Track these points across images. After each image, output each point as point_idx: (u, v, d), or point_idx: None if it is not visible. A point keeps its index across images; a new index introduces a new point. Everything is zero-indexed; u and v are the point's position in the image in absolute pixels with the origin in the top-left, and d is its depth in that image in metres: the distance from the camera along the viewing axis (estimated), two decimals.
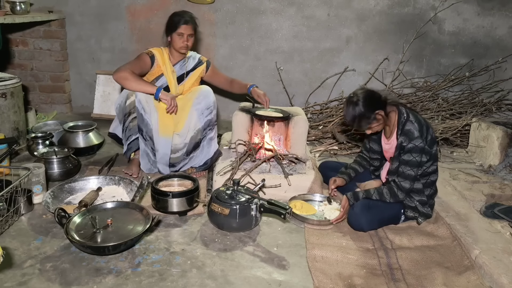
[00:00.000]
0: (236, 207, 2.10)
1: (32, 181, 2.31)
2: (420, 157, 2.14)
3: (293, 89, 4.26)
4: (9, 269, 1.79)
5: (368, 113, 2.14)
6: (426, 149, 2.15)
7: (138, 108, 2.60)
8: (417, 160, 2.14)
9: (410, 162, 2.14)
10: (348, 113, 2.19)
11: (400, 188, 2.19)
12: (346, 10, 4.07)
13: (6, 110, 3.00)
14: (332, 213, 2.34)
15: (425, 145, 2.14)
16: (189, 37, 2.72)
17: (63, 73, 4.19)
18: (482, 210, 2.49)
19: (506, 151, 3.00)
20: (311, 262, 1.93)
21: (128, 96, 2.62)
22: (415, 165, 2.15)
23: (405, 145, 2.15)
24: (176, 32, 2.68)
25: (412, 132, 2.14)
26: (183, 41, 2.70)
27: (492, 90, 4.28)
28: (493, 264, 1.89)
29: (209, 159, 2.79)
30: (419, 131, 2.14)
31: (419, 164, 2.15)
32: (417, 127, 2.14)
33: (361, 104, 2.13)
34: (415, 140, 2.12)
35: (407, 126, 2.16)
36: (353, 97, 2.17)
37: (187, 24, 2.69)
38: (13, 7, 3.49)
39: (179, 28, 2.67)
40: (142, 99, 2.60)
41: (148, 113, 2.62)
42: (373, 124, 2.19)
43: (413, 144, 2.13)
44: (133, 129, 2.66)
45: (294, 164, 2.73)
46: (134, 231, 1.95)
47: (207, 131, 2.75)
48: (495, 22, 4.13)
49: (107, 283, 1.73)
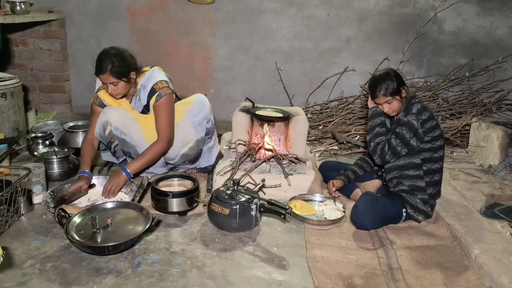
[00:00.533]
0: (236, 207, 2.10)
1: (32, 181, 2.31)
2: (408, 135, 2.17)
3: (293, 89, 4.26)
4: (9, 269, 1.79)
5: (398, 83, 2.19)
6: (417, 131, 2.16)
7: (117, 135, 2.50)
8: (404, 135, 2.17)
9: (398, 134, 2.20)
10: (378, 78, 2.22)
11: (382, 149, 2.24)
12: (346, 10, 4.08)
13: (6, 110, 3.00)
14: (332, 213, 2.34)
15: (418, 125, 2.16)
16: (112, 85, 2.33)
17: (63, 73, 4.20)
18: (482, 210, 2.49)
19: (506, 151, 3.00)
20: (311, 262, 1.93)
21: (104, 126, 2.49)
22: (400, 138, 2.19)
23: (400, 118, 2.22)
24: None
25: (411, 108, 2.21)
26: (106, 89, 2.38)
27: (492, 90, 4.28)
28: (493, 264, 1.89)
29: (210, 165, 2.78)
30: (419, 110, 2.19)
31: (404, 140, 2.18)
32: (419, 107, 2.20)
33: (393, 74, 2.21)
34: (410, 115, 2.18)
35: (411, 105, 2.23)
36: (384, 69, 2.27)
37: (103, 73, 2.28)
38: (13, 7, 3.49)
39: (98, 77, 2.36)
40: (119, 125, 2.46)
41: (128, 134, 2.49)
42: (395, 97, 2.20)
43: (406, 118, 2.19)
44: (119, 152, 2.64)
45: (294, 164, 2.73)
46: (134, 231, 1.95)
47: (207, 139, 2.69)
48: (495, 22, 4.13)
49: (107, 283, 1.73)
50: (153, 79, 2.46)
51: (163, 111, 2.42)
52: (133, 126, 2.51)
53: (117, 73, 2.31)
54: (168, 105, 2.44)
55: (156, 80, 2.45)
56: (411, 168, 2.25)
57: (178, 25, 4.13)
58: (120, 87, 2.36)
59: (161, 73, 2.54)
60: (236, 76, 4.29)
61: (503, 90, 4.28)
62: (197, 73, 4.28)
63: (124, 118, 2.49)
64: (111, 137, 2.54)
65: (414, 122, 2.16)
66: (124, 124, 2.49)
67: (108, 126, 2.49)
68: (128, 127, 2.49)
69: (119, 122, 2.48)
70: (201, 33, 4.15)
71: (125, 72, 2.35)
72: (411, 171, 2.25)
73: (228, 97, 4.33)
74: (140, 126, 2.52)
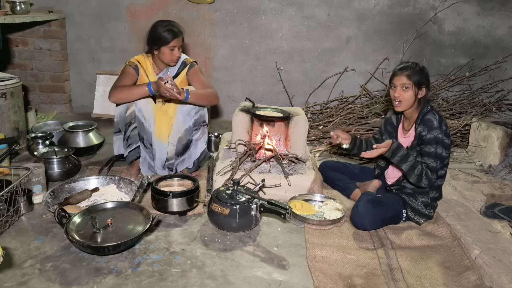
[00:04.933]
0: (236, 207, 2.10)
1: (32, 181, 2.31)
2: (441, 150, 2.12)
3: (293, 89, 4.26)
4: (9, 269, 1.79)
5: (424, 79, 2.15)
6: (445, 142, 2.13)
7: (138, 117, 2.60)
8: (437, 151, 2.12)
9: (431, 153, 2.13)
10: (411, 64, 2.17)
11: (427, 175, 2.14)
12: (346, 10, 4.07)
13: (6, 110, 3.00)
14: (332, 213, 2.34)
15: (444, 137, 2.12)
16: (179, 48, 2.64)
17: (63, 73, 4.19)
18: (482, 210, 2.49)
19: (506, 151, 3.00)
20: (311, 262, 1.93)
21: (128, 106, 2.61)
22: (435, 156, 2.13)
23: (424, 135, 2.14)
24: (168, 46, 2.57)
25: (431, 122, 2.13)
26: (174, 54, 2.62)
27: (492, 90, 4.28)
28: (493, 264, 1.89)
29: (196, 159, 2.79)
30: (439, 122, 2.14)
31: (439, 156, 2.13)
32: (438, 118, 2.15)
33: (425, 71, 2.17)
34: (434, 130, 2.12)
35: (427, 116, 2.17)
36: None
37: (178, 37, 2.59)
38: (13, 7, 3.49)
39: (171, 42, 2.56)
40: (142, 108, 2.59)
41: (148, 120, 2.61)
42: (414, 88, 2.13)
43: (431, 134, 2.12)
44: (134, 137, 2.67)
45: (294, 164, 2.73)
46: (134, 231, 1.95)
47: (193, 131, 2.72)
48: (495, 22, 4.13)
49: (107, 283, 1.73)
50: (183, 56, 2.79)
51: (200, 75, 2.78)
52: (151, 116, 2.62)
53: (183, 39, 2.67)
54: (201, 71, 2.81)
55: (185, 56, 2.82)
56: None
57: None
58: (181, 52, 2.68)
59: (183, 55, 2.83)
60: (236, 76, 4.29)
61: (503, 90, 4.28)
62: None
63: (147, 105, 2.61)
64: (131, 118, 2.63)
65: (440, 136, 2.12)
66: (147, 110, 2.61)
67: (133, 106, 2.60)
68: (148, 114, 2.61)
69: (144, 107, 2.60)
70: (201, 33, 4.15)
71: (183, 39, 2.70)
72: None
73: (228, 97, 4.33)
74: (154, 120, 2.63)
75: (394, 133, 2.40)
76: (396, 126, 2.39)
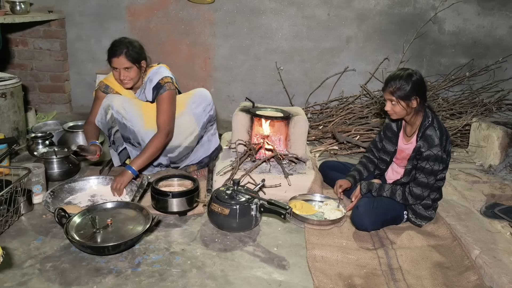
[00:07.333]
0: (236, 207, 2.10)
1: (32, 181, 2.31)
2: (438, 166, 2.11)
3: (293, 89, 4.26)
4: (9, 269, 1.79)
5: (412, 90, 2.08)
6: (443, 158, 2.12)
7: (118, 119, 2.50)
8: (433, 168, 2.11)
9: (426, 170, 2.12)
10: (396, 75, 2.13)
11: (411, 194, 2.18)
12: (346, 10, 4.07)
13: (6, 110, 2.99)
14: (332, 213, 2.34)
15: (443, 154, 2.11)
16: (125, 70, 2.37)
17: (63, 73, 4.19)
18: (482, 210, 2.49)
19: (506, 151, 3.00)
20: (311, 262, 1.93)
21: (106, 111, 2.52)
22: (429, 173, 2.12)
23: (423, 151, 2.12)
24: (112, 65, 2.38)
25: (432, 139, 2.11)
26: (117, 75, 2.40)
27: (492, 90, 4.28)
28: (493, 264, 1.89)
29: (207, 156, 2.78)
30: (440, 139, 2.11)
31: (434, 172, 2.13)
32: (439, 135, 2.11)
33: (414, 79, 2.09)
34: (434, 148, 2.09)
35: (429, 131, 2.14)
36: (413, 71, 2.14)
37: (117, 56, 2.32)
38: (13, 7, 3.49)
39: (112, 62, 2.36)
40: (120, 109, 2.48)
41: (129, 119, 2.50)
42: (401, 102, 2.11)
43: (431, 151, 2.09)
44: (119, 139, 2.63)
45: (294, 164, 2.73)
46: (134, 231, 1.95)
47: (209, 126, 2.71)
48: (495, 22, 4.13)
49: (107, 283, 1.73)
50: (159, 74, 2.51)
51: (164, 104, 2.47)
52: (134, 112, 2.52)
53: (132, 58, 2.36)
54: (170, 99, 2.48)
55: (162, 75, 2.51)
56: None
57: (178, 25, 4.13)
58: (132, 73, 2.40)
59: (167, 70, 2.60)
60: (236, 76, 4.29)
61: (503, 90, 4.28)
62: (197, 73, 4.28)
63: (126, 103, 2.51)
64: (112, 122, 2.55)
65: (439, 153, 2.10)
66: (125, 109, 2.50)
67: (110, 110, 2.50)
68: (129, 113, 2.51)
69: (121, 107, 2.49)
70: (201, 33, 4.15)
71: (138, 58, 2.41)
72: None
73: (228, 97, 4.33)
74: (142, 113, 2.54)
75: (394, 139, 2.38)
76: (397, 132, 2.37)
